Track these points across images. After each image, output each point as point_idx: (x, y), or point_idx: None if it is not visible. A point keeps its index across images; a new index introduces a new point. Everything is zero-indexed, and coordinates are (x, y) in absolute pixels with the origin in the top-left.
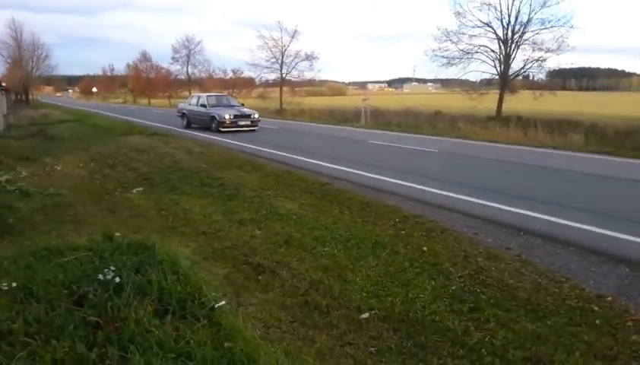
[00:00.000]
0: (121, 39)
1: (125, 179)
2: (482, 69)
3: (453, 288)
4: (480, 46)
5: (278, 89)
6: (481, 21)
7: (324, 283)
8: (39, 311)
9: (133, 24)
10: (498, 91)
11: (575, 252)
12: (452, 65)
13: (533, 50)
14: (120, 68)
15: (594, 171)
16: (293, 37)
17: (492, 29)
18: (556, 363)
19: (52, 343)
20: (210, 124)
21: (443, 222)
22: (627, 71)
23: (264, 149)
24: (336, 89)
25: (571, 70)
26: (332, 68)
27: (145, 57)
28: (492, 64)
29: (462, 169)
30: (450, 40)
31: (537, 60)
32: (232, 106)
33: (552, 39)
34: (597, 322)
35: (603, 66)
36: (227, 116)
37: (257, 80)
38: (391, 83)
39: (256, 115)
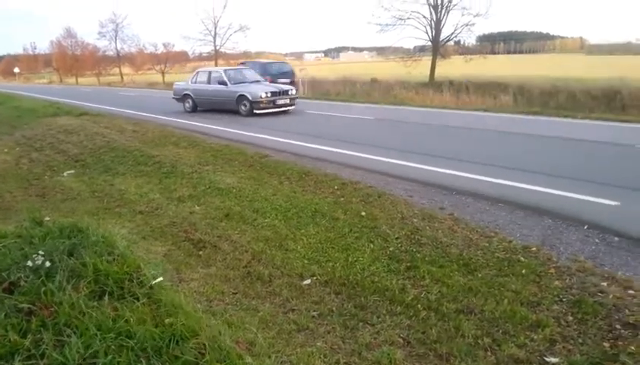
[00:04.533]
0: (43, 15)
1: (54, 162)
2: (415, 35)
3: (391, 249)
4: (412, 12)
5: (213, 62)
6: None
7: (266, 253)
8: None
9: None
10: (431, 57)
11: (502, 207)
12: (386, 31)
13: (463, 15)
14: (43, 47)
15: (520, 130)
16: (224, 8)
17: None
18: (486, 312)
19: None
20: (236, 106)
21: (380, 187)
22: (552, 34)
23: (201, 124)
24: (273, 60)
25: (499, 34)
26: (269, 40)
27: (70, 33)
28: (424, 30)
29: (397, 135)
30: (382, 7)
31: (467, 25)
32: (258, 81)
33: (479, 3)
34: (523, 271)
35: (529, 30)
36: (263, 94)
37: (190, 53)
38: (327, 52)
39: (294, 91)
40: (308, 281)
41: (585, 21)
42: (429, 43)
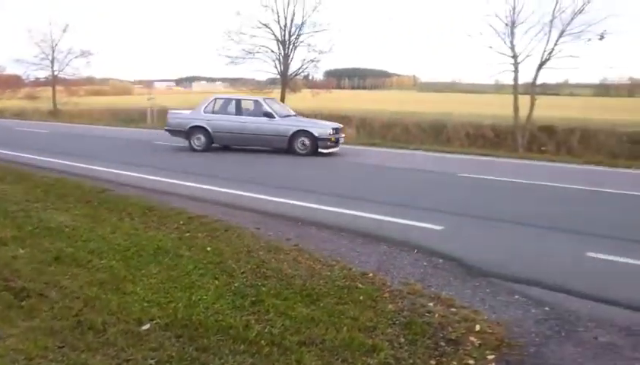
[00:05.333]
0: None
1: None
2: (264, 69)
3: (236, 285)
4: (261, 46)
5: (51, 88)
6: (260, 22)
7: (100, 298)
8: None
9: None
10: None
11: (344, 235)
12: (236, 64)
13: (309, 51)
14: None
15: (362, 161)
16: (64, 31)
17: (271, 30)
18: (327, 341)
19: None
20: (286, 144)
21: (228, 220)
22: (389, 71)
23: (31, 156)
24: (120, 88)
25: (345, 70)
26: (116, 66)
27: None
28: (273, 64)
29: (246, 167)
30: (232, 40)
31: (312, 61)
32: (295, 115)
33: (323, 41)
34: (361, 297)
35: (370, 67)
36: (331, 131)
37: (25, 78)
38: (179, 81)
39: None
40: (147, 326)
41: (417, 61)
42: (279, 77)
